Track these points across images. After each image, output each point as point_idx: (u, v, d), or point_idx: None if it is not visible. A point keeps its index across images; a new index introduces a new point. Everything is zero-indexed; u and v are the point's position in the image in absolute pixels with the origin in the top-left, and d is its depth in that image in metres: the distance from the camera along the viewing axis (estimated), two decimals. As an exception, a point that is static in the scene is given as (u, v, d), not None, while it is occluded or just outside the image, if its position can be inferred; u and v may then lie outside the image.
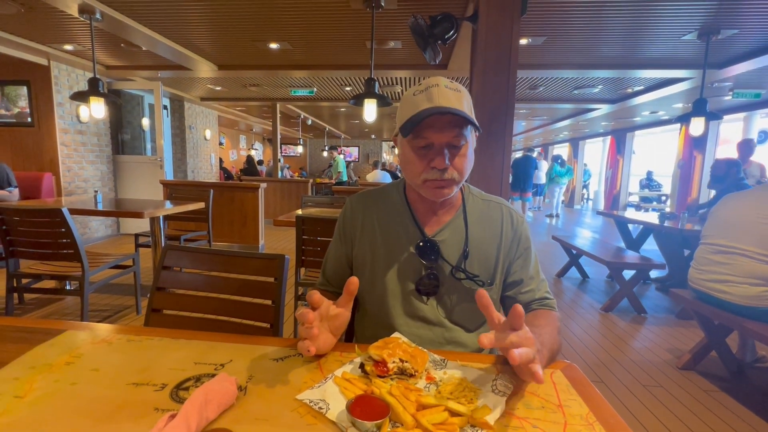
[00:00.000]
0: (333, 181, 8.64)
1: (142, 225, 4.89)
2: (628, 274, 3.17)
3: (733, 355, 2.21)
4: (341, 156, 8.63)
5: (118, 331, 0.79)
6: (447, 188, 0.78)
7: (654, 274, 4.11)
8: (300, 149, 12.58)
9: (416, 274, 0.84)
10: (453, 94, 0.74)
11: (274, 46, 3.92)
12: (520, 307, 0.57)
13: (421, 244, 0.83)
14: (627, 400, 1.91)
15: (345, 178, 8.95)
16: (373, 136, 14.93)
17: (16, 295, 2.81)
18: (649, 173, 10.23)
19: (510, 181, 8.30)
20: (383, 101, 3.04)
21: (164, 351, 0.71)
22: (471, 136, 0.79)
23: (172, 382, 0.60)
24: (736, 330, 2.00)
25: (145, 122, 6.02)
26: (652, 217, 3.83)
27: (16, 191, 3.28)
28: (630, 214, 4.50)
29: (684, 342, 2.60)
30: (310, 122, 10.21)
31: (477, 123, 0.76)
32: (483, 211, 0.88)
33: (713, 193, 3.56)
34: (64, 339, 0.74)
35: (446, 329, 0.85)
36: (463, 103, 0.75)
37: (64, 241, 2.14)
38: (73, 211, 2.33)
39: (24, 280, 2.42)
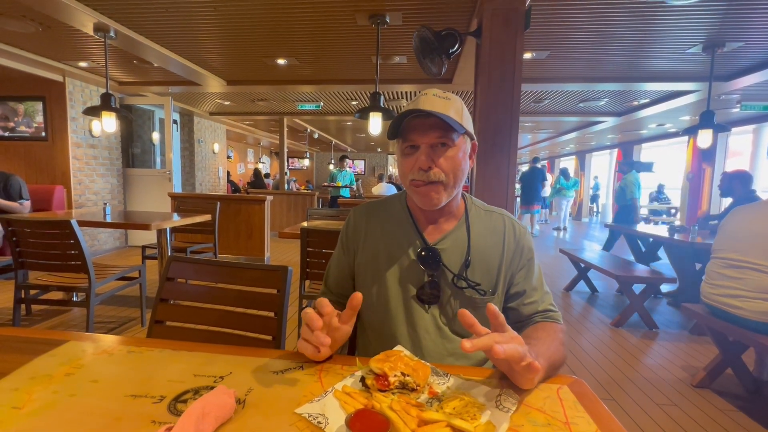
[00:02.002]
0: (338, 185, 7.92)
1: (150, 237, 4.94)
2: (638, 288, 3.11)
3: (750, 372, 2.13)
4: (349, 170, 8.14)
5: (120, 342, 0.79)
6: (434, 192, 0.79)
7: (665, 288, 4.03)
8: (306, 162, 12.73)
9: (418, 282, 0.84)
10: (440, 101, 0.78)
11: (282, 61, 4.00)
12: (493, 306, 0.58)
13: (422, 252, 0.83)
14: (640, 419, 1.85)
15: (346, 194, 8.31)
16: (378, 150, 15.05)
17: (23, 306, 2.84)
18: (661, 186, 10.12)
19: (519, 194, 8.23)
20: (388, 115, 3.08)
21: (164, 363, 0.70)
22: (462, 142, 0.80)
23: (171, 394, 0.60)
24: (752, 346, 1.94)
25: (155, 136, 6.13)
26: (662, 231, 3.77)
27: (27, 203, 3.34)
28: (639, 227, 4.44)
29: (698, 359, 2.52)
30: (316, 136, 10.34)
31: (465, 127, 0.79)
32: (485, 222, 0.88)
33: (724, 205, 3.50)
34: (65, 350, 0.74)
35: (448, 340, 0.84)
36: (450, 109, 0.77)
37: (72, 252, 2.16)
38: (81, 223, 2.36)
39: (32, 291, 2.44)
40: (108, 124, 3.37)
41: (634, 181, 5.00)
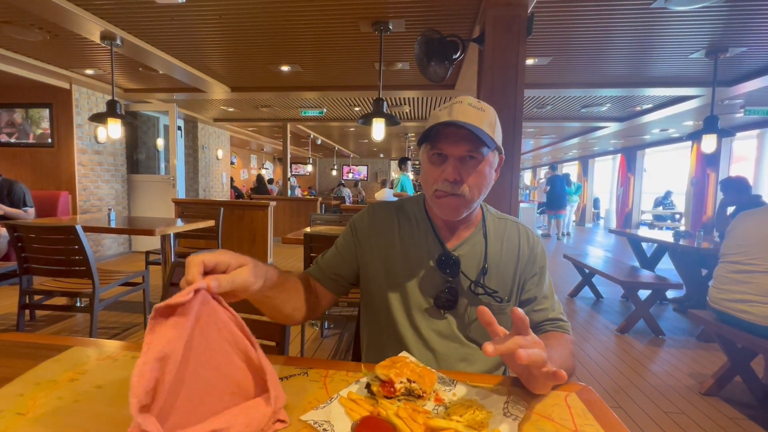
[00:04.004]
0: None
1: (154, 243, 4.95)
2: (643, 294, 3.08)
3: (759, 380, 2.10)
4: (405, 174, 6.51)
5: (124, 347, 0.78)
6: (456, 204, 0.78)
7: (671, 294, 3.99)
8: (309, 168, 12.78)
9: (435, 288, 0.83)
10: (474, 111, 0.76)
11: (285, 68, 4.04)
12: (519, 310, 0.56)
13: (441, 257, 0.83)
14: (647, 428, 1.82)
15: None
16: (381, 156, 15.09)
17: (27, 311, 2.84)
18: (668, 192, 10.07)
19: (545, 200, 8.62)
20: (391, 120, 3.09)
21: (168, 368, 0.70)
22: (491, 156, 0.79)
23: (175, 400, 0.59)
24: (761, 353, 1.91)
25: (160, 142, 6.18)
26: (667, 236, 3.75)
27: (32, 211, 3.35)
28: (644, 232, 4.42)
29: (706, 366, 2.49)
30: (319, 142, 10.38)
31: (496, 142, 0.78)
32: (500, 229, 0.89)
33: (729, 211, 3.48)
34: (69, 355, 0.73)
35: (462, 345, 0.83)
36: (484, 121, 0.76)
37: (77, 258, 2.17)
38: (86, 229, 2.37)
39: (36, 297, 2.45)
40: (113, 130, 3.40)
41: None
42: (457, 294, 0.82)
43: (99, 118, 3.37)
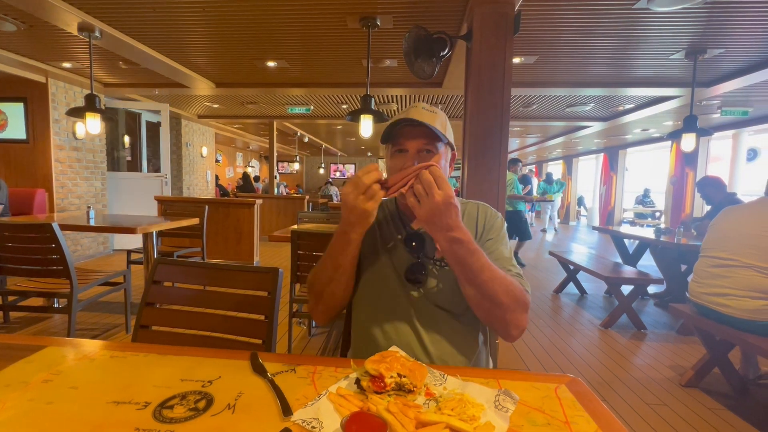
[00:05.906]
0: None
1: (136, 241, 4.82)
2: (626, 289, 3.15)
3: (737, 371, 2.17)
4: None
5: (102, 347, 0.75)
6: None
7: (652, 289, 4.09)
8: (296, 166, 12.67)
9: (406, 264, 0.91)
10: (428, 113, 0.89)
11: (271, 64, 3.97)
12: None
13: (406, 236, 0.93)
14: (631, 419, 1.86)
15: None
16: (369, 154, 15.06)
17: (1, 313, 2.74)
18: (647, 190, 10.37)
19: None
20: (379, 117, 3.07)
21: (149, 368, 0.67)
22: (444, 151, 0.90)
23: (156, 400, 0.57)
24: (738, 345, 1.97)
25: (142, 139, 6.02)
26: (648, 233, 3.84)
27: (0, 208, 3.22)
28: (626, 229, 4.52)
29: (686, 358, 2.56)
30: (306, 140, 10.29)
31: (447, 139, 0.89)
32: (463, 210, 0.96)
33: (707, 208, 3.58)
34: (43, 355, 0.70)
35: (434, 308, 0.89)
36: (436, 121, 0.88)
37: (54, 257, 2.09)
38: (63, 227, 2.28)
39: (10, 298, 2.35)
40: (92, 125, 3.29)
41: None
42: (426, 268, 0.90)
43: (77, 113, 3.26)
